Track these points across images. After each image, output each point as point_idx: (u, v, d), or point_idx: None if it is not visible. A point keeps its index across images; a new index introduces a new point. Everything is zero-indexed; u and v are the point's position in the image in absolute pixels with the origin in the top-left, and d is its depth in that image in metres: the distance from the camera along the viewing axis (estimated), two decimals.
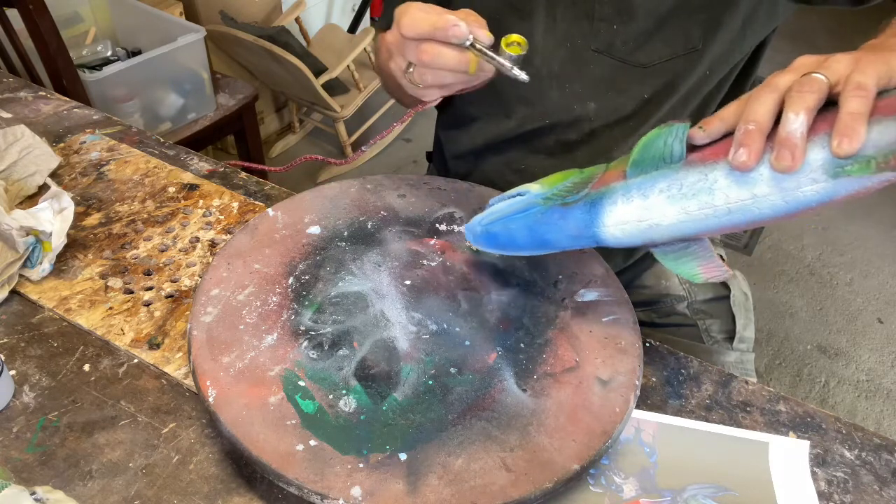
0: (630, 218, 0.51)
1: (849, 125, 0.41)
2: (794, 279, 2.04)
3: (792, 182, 0.44)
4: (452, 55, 0.53)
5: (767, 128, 0.44)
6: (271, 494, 0.52)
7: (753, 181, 0.45)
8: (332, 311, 0.60)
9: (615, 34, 0.72)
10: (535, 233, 0.56)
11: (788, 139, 0.43)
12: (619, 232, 0.52)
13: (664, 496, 0.53)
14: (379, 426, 0.51)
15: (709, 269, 0.51)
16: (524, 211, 0.56)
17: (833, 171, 0.43)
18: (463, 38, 0.52)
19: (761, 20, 0.72)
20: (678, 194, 0.48)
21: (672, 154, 0.48)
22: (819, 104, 0.43)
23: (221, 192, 0.79)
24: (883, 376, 1.78)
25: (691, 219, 0.49)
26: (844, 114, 0.42)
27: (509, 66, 0.53)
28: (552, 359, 0.57)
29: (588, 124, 0.78)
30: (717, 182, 0.47)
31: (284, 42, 1.95)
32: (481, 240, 0.61)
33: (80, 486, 0.51)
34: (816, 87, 0.43)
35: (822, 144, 0.43)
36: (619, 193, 0.51)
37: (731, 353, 0.85)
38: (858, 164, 0.42)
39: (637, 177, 0.50)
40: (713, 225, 0.48)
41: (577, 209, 0.53)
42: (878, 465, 0.56)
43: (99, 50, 1.69)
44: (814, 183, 0.44)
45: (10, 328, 0.62)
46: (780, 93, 0.44)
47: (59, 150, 0.83)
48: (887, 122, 0.42)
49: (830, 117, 0.43)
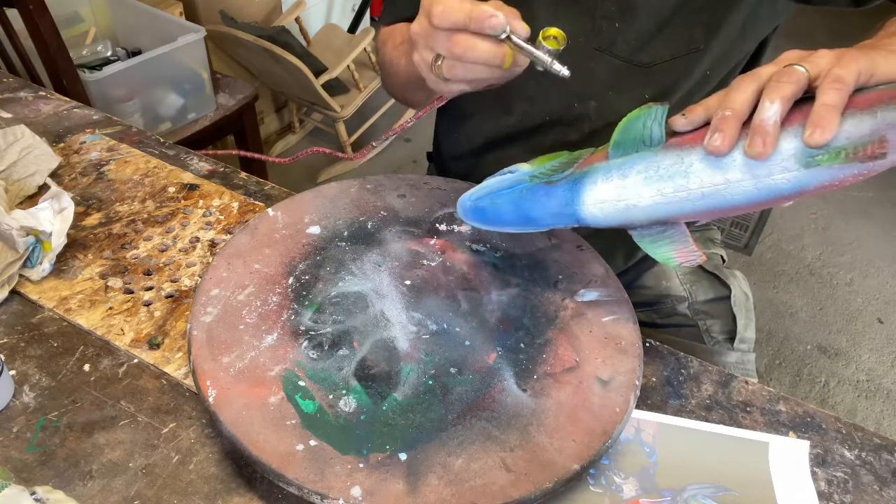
0: (608, 197, 0.52)
1: (822, 116, 0.42)
2: (794, 279, 2.04)
3: (764, 169, 0.45)
4: (487, 47, 0.49)
5: (744, 115, 0.45)
6: (271, 494, 0.52)
7: (727, 166, 0.47)
8: (332, 311, 0.60)
9: (617, 33, 0.72)
10: (519, 208, 0.57)
11: (762, 126, 0.44)
12: (597, 210, 0.53)
13: (664, 496, 0.53)
14: (379, 426, 0.51)
15: (683, 254, 0.53)
16: (511, 187, 0.58)
17: (805, 160, 0.44)
18: (500, 30, 0.48)
19: (762, 20, 0.72)
20: (655, 176, 0.50)
21: (651, 137, 0.50)
22: (796, 95, 0.44)
23: (221, 192, 0.79)
24: (883, 376, 1.78)
25: (666, 201, 0.50)
26: (819, 105, 0.42)
27: (549, 61, 0.50)
28: (552, 359, 0.57)
29: (588, 124, 0.78)
30: (692, 166, 0.48)
31: (284, 42, 1.95)
32: (470, 214, 0.62)
33: (80, 486, 0.51)
34: (795, 79, 0.44)
35: (795, 134, 0.44)
36: (600, 173, 0.52)
37: (732, 353, 0.85)
38: (829, 155, 0.44)
39: (618, 157, 0.51)
40: (688, 209, 0.49)
41: (561, 187, 0.54)
42: (878, 465, 0.56)
43: (99, 50, 1.69)
44: (785, 171, 0.45)
45: (10, 328, 0.62)
46: (760, 82, 0.45)
47: (59, 150, 0.83)
48: (861, 116, 0.43)
49: (807, 109, 0.44)
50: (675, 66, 0.73)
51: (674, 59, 0.72)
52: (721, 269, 0.89)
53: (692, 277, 0.89)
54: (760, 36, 0.75)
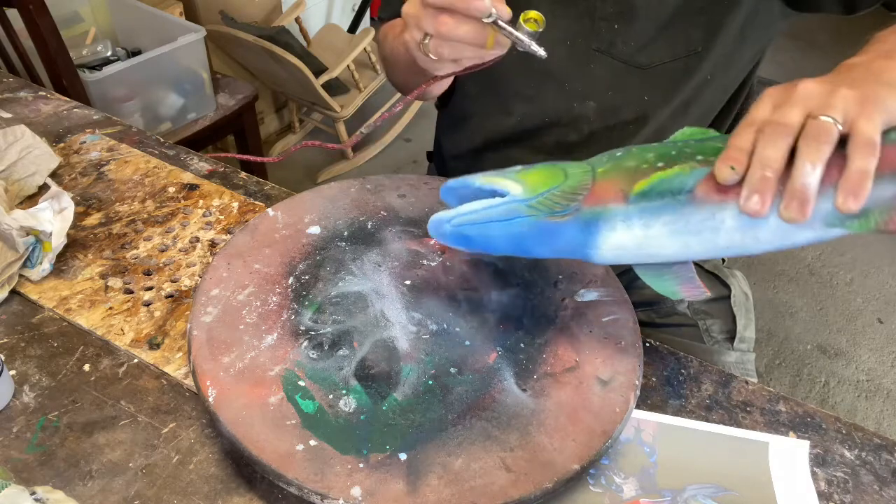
0: (629, 245, 0.50)
1: (856, 183, 0.41)
2: (794, 279, 2.04)
3: (793, 229, 0.45)
4: (471, 28, 0.52)
5: (780, 174, 0.43)
6: (271, 494, 0.52)
7: (759, 226, 0.45)
8: (332, 311, 0.60)
9: (616, 34, 0.72)
10: (518, 243, 0.53)
11: (803, 192, 0.42)
12: (613, 256, 0.51)
13: (664, 496, 0.53)
14: (379, 426, 0.51)
15: (688, 290, 0.52)
16: (507, 220, 0.53)
17: (831, 221, 0.43)
18: (485, 12, 0.51)
19: (760, 24, 0.72)
20: (683, 230, 0.48)
21: (683, 188, 0.47)
22: (831, 153, 0.42)
23: (221, 192, 0.79)
24: (883, 376, 1.78)
25: (690, 252, 0.49)
26: (853, 171, 0.41)
27: (528, 42, 0.52)
28: (552, 359, 0.57)
29: (588, 125, 0.78)
30: (724, 223, 0.46)
31: (284, 42, 1.95)
32: (450, 239, 0.57)
33: (80, 486, 0.51)
34: (832, 139, 0.42)
35: (826, 195, 0.43)
36: (619, 219, 0.49)
37: (732, 353, 0.85)
38: (859, 222, 0.43)
39: (640, 202, 0.48)
40: (706, 256, 0.49)
41: (570, 227, 0.51)
42: (878, 465, 0.56)
43: (99, 50, 1.68)
44: (810, 230, 0.44)
45: (10, 328, 0.62)
46: (793, 135, 0.43)
47: (59, 150, 0.83)
48: (889, 177, 0.42)
49: (834, 163, 0.42)
50: (675, 68, 0.73)
51: (673, 60, 0.72)
52: (721, 268, 0.89)
53: None
54: (761, 41, 0.75)
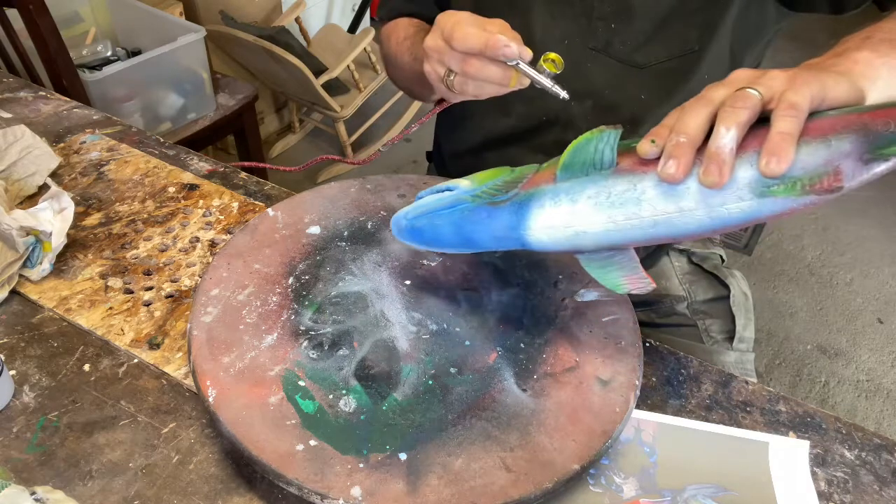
0: (557, 223, 0.50)
1: (779, 145, 0.41)
2: (794, 279, 2.04)
3: (718, 198, 0.44)
4: (497, 71, 0.56)
5: (698, 141, 0.43)
6: (271, 494, 0.52)
7: (680, 194, 0.45)
8: (332, 311, 0.60)
9: (613, 33, 0.72)
10: (461, 230, 0.55)
11: (718, 154, 0.42)
12: (545, 236, 0.51)
13: (664, 496, 0.53)
14: (379, 426, 0.51)
15: (633, 281, 0.51)
16: (451, 207, 0.55)
17: (759, 190, 0.43)
18: (513, 59, 0.54)
19: (751, 24, 0.72)
20: (606, 202, 0.48)
21: (602, 160, 0.48)
22: (751, 120, 0.43)
23: (221, 192, 0.79)
24: (883, 376, 1.78)
25: (617, 228, 0.48)
26: (775, 133, 0.41)
27: (550, 85, 0.56)
28: (552, 359, 0.57)
29: (586, 124, 0.78)
30: (645, 193, 0.46)
31: (284, 42, 1.95)
32: (406, 234, 0.59)
33: (80, 486, 0.51)
34: (750, 104, 0.42)
35: (750, 162, 0.43)
36: (548, 196, 0.50)
37: (731, 353, 0.85)
38: (785, 185, 0.42)
39: (567, 180, 0.50)
40: (638, 236, 0.48)
41: (505, 209, 0.52)
42: (878, 465, 0.56)
43: (99, 50, 1.69)
44: (739, 201, 0.44)
45: (10, 328, 0.62)
46: (713, 106, 0.44)
47: (59, 150, 0.83)
48: (816, 145, 0.42)
49: (761, 134, 0.42)
50: (671, 67, 0.73)
51: (669, 60, 0.72)
52: (720, 268, 0.89)
53: (691, 277, 0.89)
54: (757, 40, 0.75)
